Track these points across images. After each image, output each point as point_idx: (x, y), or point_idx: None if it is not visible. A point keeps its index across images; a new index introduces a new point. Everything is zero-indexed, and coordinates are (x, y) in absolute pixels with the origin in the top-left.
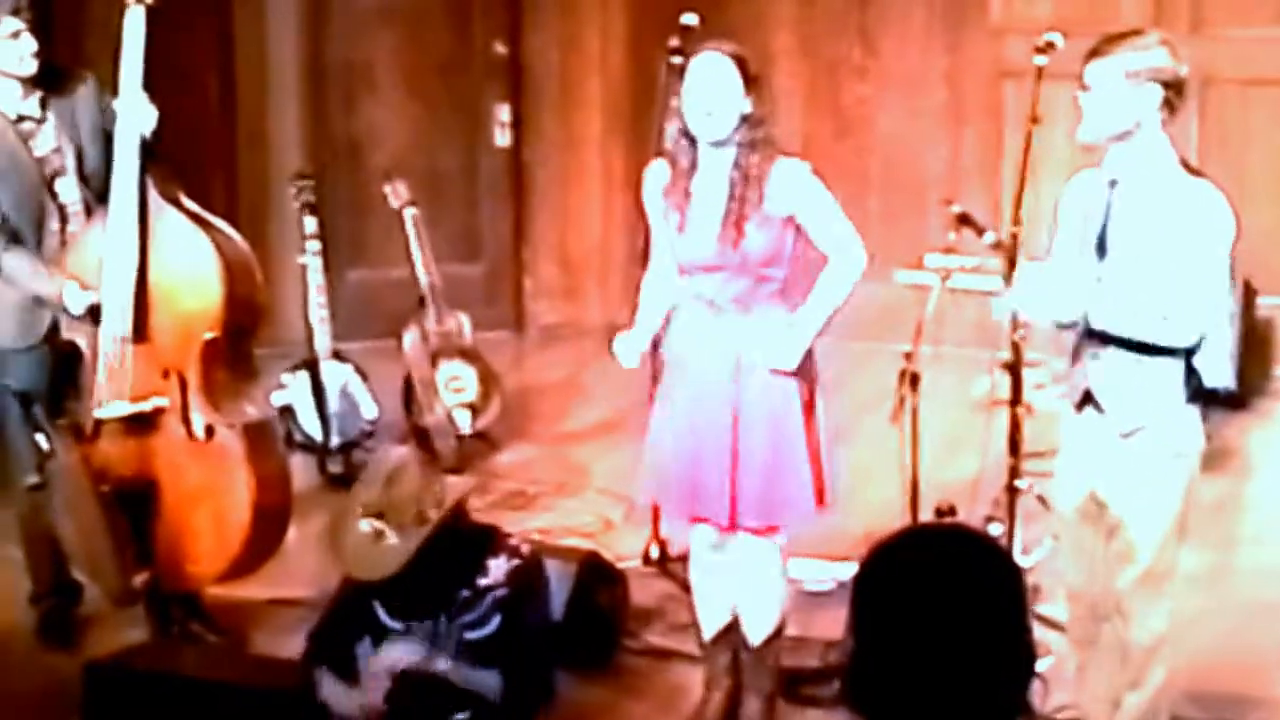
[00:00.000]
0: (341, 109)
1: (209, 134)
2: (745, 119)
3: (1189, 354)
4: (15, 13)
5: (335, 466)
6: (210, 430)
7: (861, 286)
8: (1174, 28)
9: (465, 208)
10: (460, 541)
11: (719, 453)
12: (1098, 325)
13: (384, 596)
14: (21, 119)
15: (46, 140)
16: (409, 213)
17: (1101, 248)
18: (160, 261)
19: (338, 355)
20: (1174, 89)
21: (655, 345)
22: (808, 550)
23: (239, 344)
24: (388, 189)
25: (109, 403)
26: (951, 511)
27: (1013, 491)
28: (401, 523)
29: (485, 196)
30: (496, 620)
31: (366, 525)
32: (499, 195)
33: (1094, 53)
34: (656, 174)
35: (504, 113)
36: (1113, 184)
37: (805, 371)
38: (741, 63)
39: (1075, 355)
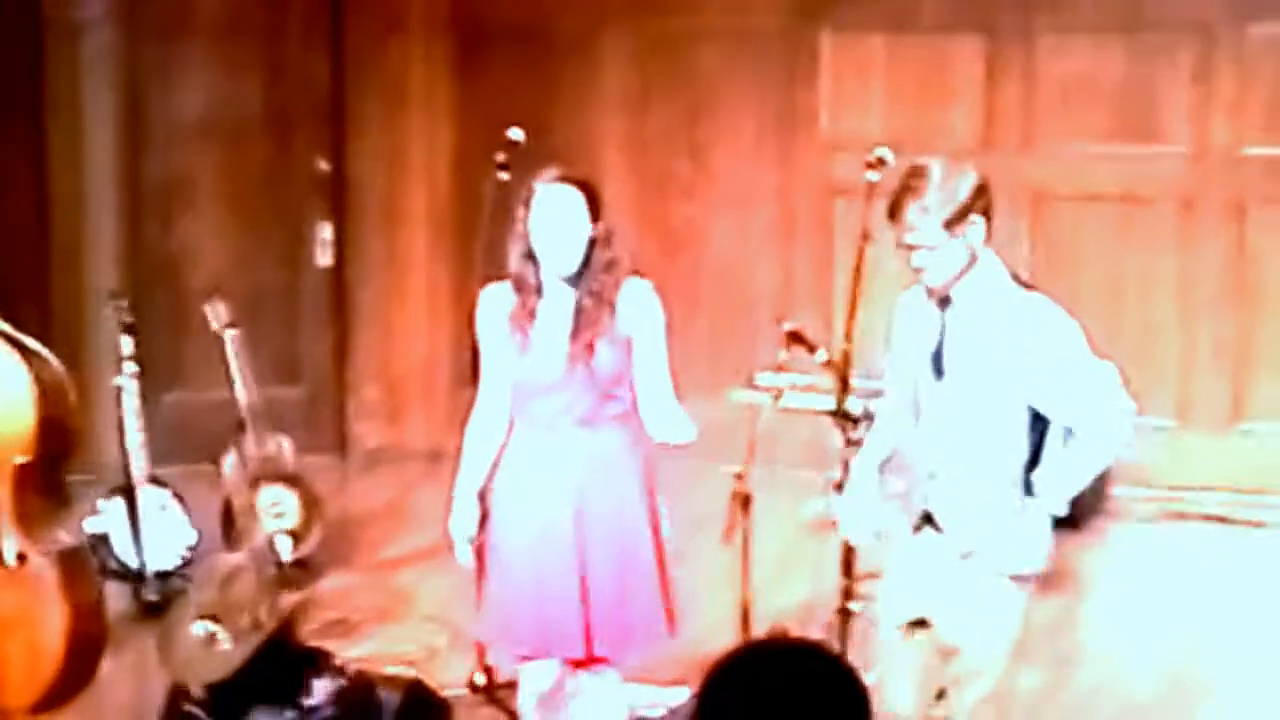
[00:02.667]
0: (159, 227)
1: (22, 252)
2: (594, 242)
3: (1028, 472)
4: None
5: (151, 595)
6: (22, 558)
7: (692, 405)
8: (1005, 143)
9: (285, 328)
10: (286, 658)
11: (567, 582)
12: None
13: (207, 711)
14: None
15: None
16: (229, 334)
17: (938, 367)
18: None
19: (155, 480)
20: (987, 204)
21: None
22: (637, 675)
23: (52, 469)
24: (208, 310)
25: None
26: (784, 635)
27: (845, 614)
28: (236, 627)
29: (306, 317)
30: None
31: (200, 628)
32: (320, 316)
33: (896, 214)
34: (495, 298)
35: (325, 231)
36: (945, 302)
37: (650, 489)
38: (589, 190)
39: (912, 476)
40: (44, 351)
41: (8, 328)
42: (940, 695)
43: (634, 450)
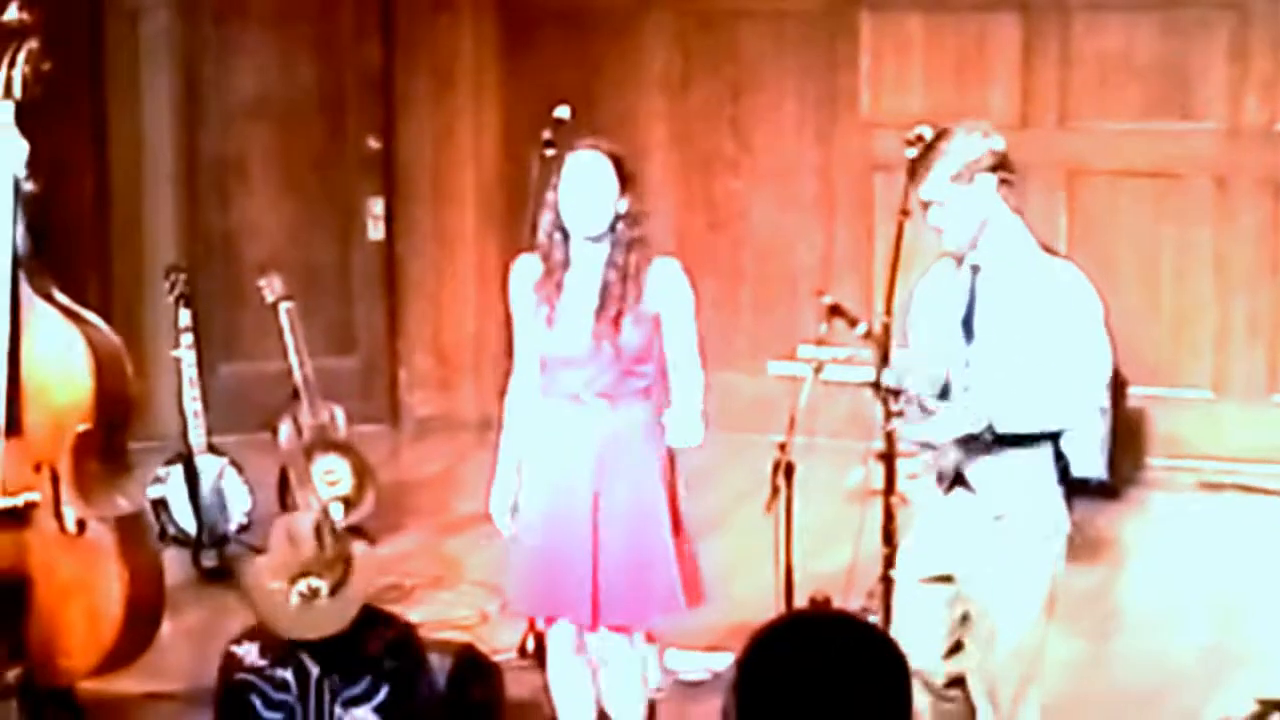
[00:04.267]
0: (216, 203)
1: (84, 228)
2: (621, 217)
3: (1056, 437)
4: None
5: (209, 560)
6: (82, 524)
7: (735, 378)
8: (1042, 120)
9: (339, 301)
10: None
11: (580, 549)
12: (1004, 430)
13: (260, 678)
14: None
15: None
16: (284, 307)
17: (968, 331)
18: (32, 355)
19: (212, 448)
20: (1001, 166)
21: None
22: (682, 641)
23: (112, 437)
24: (263, 283)
25: None
26: (826, 602)
27: (887, 582)
28: (334, 581)
29: (359, 290)
30: (385, 691)
31: (303, 586)
32: (373, 288)
33: (913, 174)
34: (525, 268)
35: (377, 206)
36: (975, 270)
37: (669, 465)
38: (618, 161)
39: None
40: (102, 324)
41: (68, 301)
42: (956, 649)
43: (654, 425)
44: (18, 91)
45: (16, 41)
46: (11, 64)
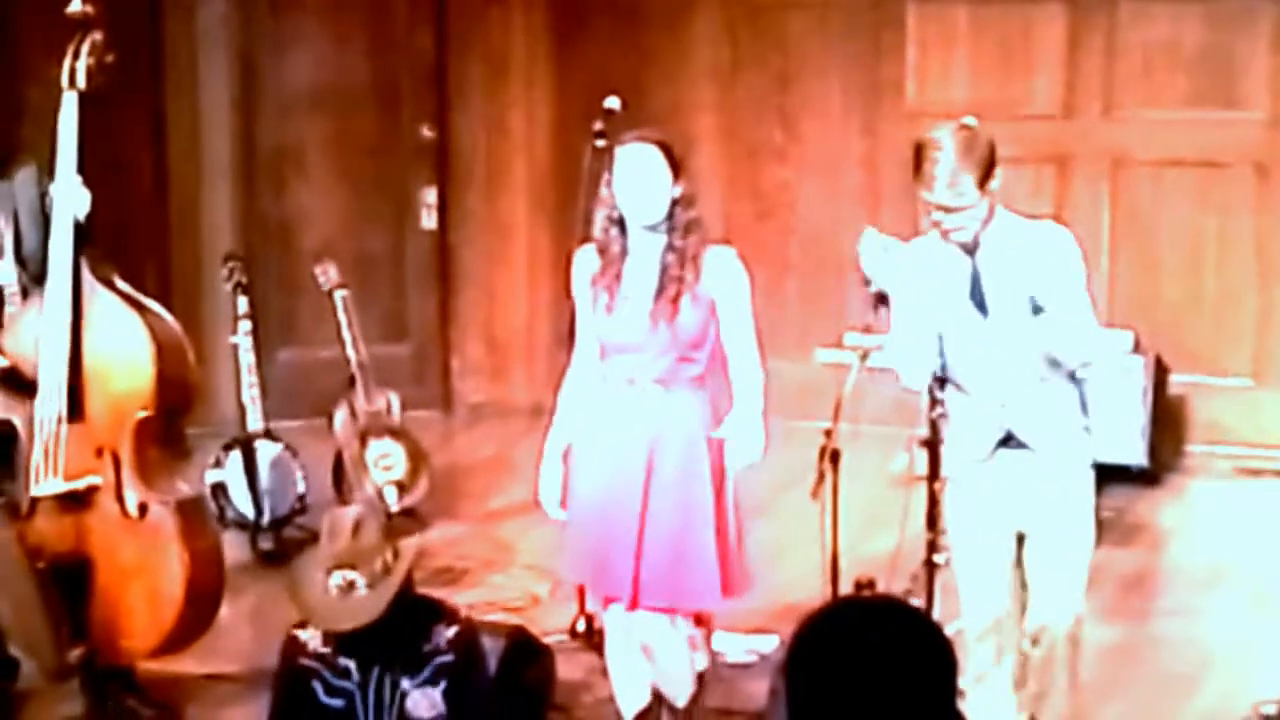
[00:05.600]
0: (272, 192)
1: (143, 216)
2: (676, 202)
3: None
4: None
5: (267, 543)
6: (144, 508)
7: (782, 365)
8: (1086, 110)
9: (393, 289)
10: (407, 605)
11: (627, 531)
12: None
13: (323, 664)
14: None
15: None
16: (339, 294)
17: (981, 307)
18: (94, 342)
19: (269, 434)
20: (997, 159)
21: None
22: (729, 624)
23: (172, 423)
24: (318, 271)
25: (44, 481)
26: (871, 585)
27: (931, 566)
28: (371, 573)
29: (412, 278)
30: (443, 686)
31: (339, 578)
32: (426, 277)
33: (928, 181)
34: (586, 259)
35: (431, 196)
36: (972, 249)
37: (716, 457)
38: (668, 150)
39: (973, 413)
40: (163, 311)
41: (129, 289)
42: (1035, 641)
43: (706, 413)
44: (82, 83)
45: (80, 33)
46: (75, 56)
